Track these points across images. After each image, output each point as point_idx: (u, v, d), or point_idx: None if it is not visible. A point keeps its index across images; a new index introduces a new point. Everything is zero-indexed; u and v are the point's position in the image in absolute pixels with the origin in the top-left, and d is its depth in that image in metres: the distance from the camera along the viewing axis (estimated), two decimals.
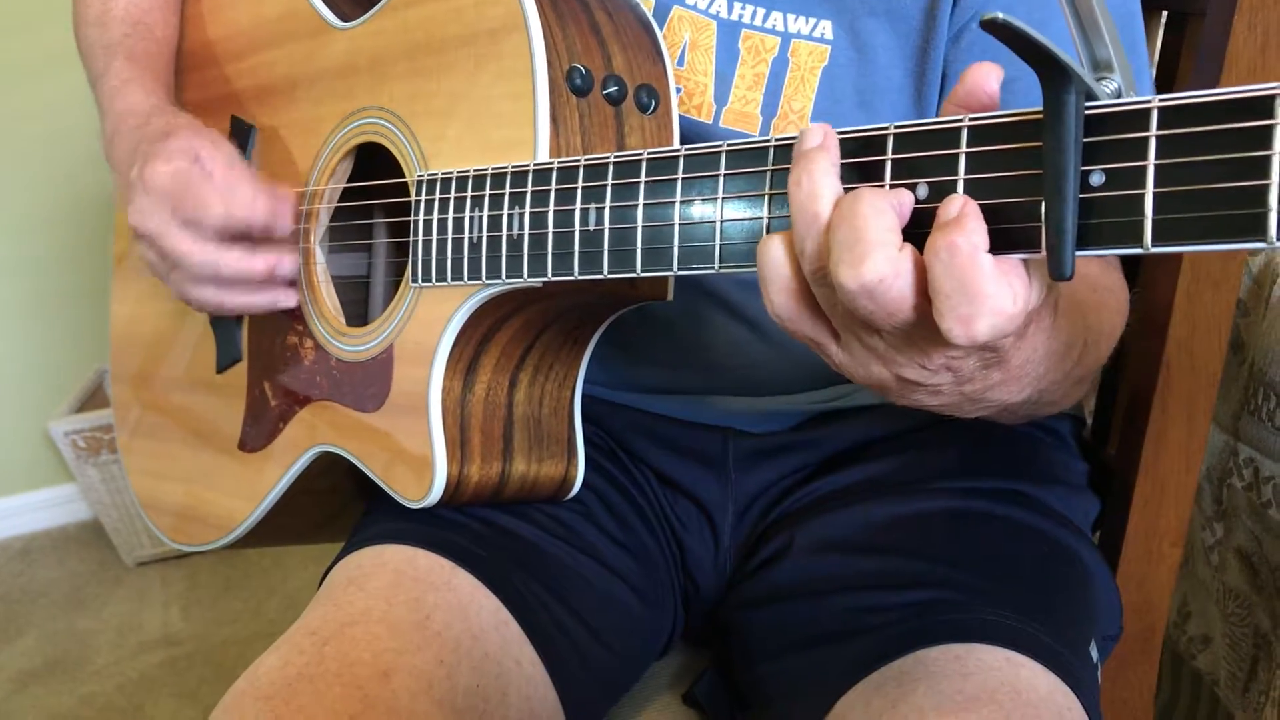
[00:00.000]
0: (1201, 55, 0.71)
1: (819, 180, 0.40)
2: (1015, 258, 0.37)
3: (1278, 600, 0.86)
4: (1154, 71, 0.78)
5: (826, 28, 0.65)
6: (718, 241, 0.45)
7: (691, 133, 0.67)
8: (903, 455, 0.73)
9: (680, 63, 0.67)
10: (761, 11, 0.66)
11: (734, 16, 0.66)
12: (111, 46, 0.82)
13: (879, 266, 0.38)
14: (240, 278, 0.71)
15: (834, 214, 0.39)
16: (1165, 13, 0.77)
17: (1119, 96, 0.35)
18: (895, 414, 0.76)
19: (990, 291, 0.37)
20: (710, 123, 0.67)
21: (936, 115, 0.65)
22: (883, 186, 0.39)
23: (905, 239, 0.39)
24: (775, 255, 0.42)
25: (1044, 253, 0.35)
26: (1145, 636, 0.80)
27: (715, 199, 0.45)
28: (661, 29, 0.67)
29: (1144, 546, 0.78)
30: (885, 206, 0.38)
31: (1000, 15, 0.32)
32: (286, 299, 0.74)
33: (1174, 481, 0.77)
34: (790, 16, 0.65)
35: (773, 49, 0.66)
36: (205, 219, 0.68)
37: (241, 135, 0.82)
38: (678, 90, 0.67)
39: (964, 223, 0.36)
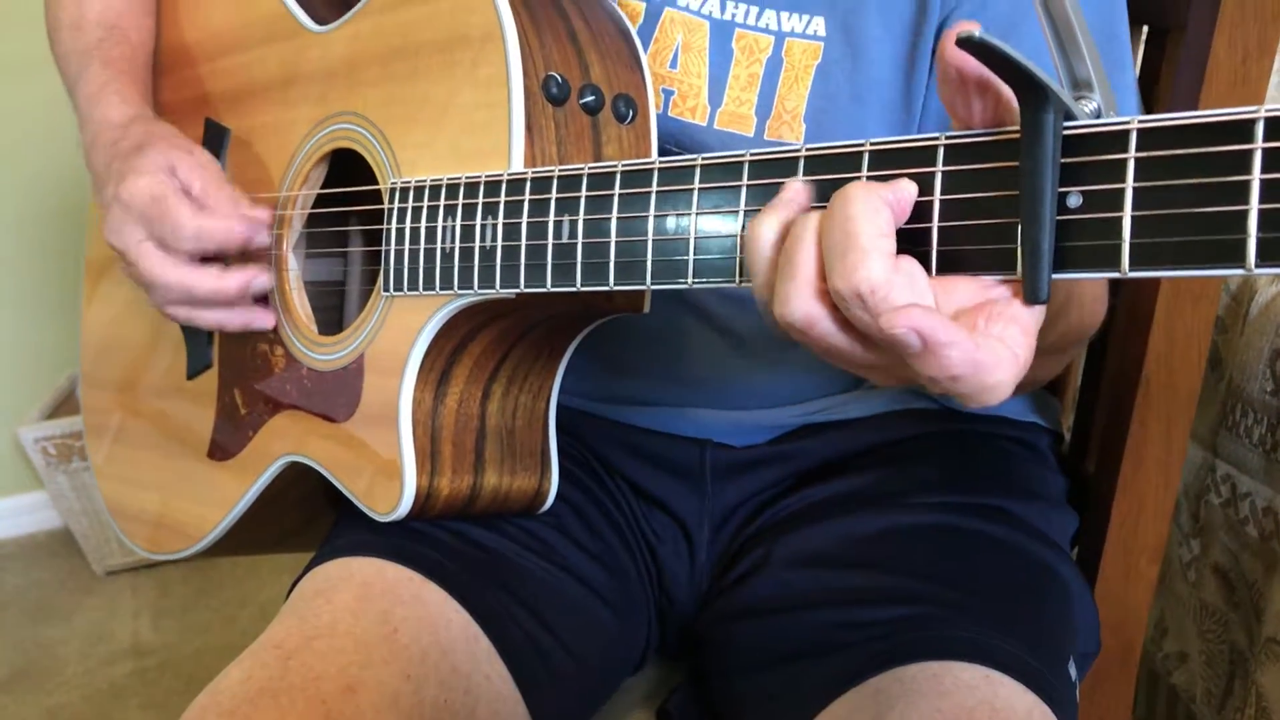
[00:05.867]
0: (1182, 70, 0.70)
1: (762, 226, 0.40)
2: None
3: (1254, 617, 0.86)
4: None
5: (819, 24, 0.64)
6: (691, 256, 0.44)
7: (685, 135, 0.67)
8: (881, 469, 0.73)
9: (673, 65, 0.66)
10: (755, 10, 0.65)
11: (727, 16, 0.65)
12: (87, 52, 0.81)
13: (871, 274, 0.36)
14: (213, 298, 0.70)
15: (825, 215, 0.38)
16: (1146, 28, 0.77)
17: (1098, 116, 0.35)
18: (873, 428, 0.75)
19: (1003, 365, 0.37)
20: (705, 125, 0.66)
21: (924, 105, 0.65)
22: None
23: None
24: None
25: (1019, 275, 0.34)
26: (1123, 653, 0.80)
27: (690, 213, 0.44)
28: (654, 31, 0.66)
29: (1122, 563, 0.78)
30: (879, 205, 0.36)
31: (976, 33, 0.31)
32: (263, 319, 0.73)
33: (1152, 498, 0.77)
34: (784, 14, 0.64)
35: (766, 48, 0.65)
36: (178, 242, 0.68)
37: (216, 138, 0.81)
38: (670, 93, 0.66)
39: (942, 352, 0.35)
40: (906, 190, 0.37)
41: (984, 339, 0.36)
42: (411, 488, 0.62)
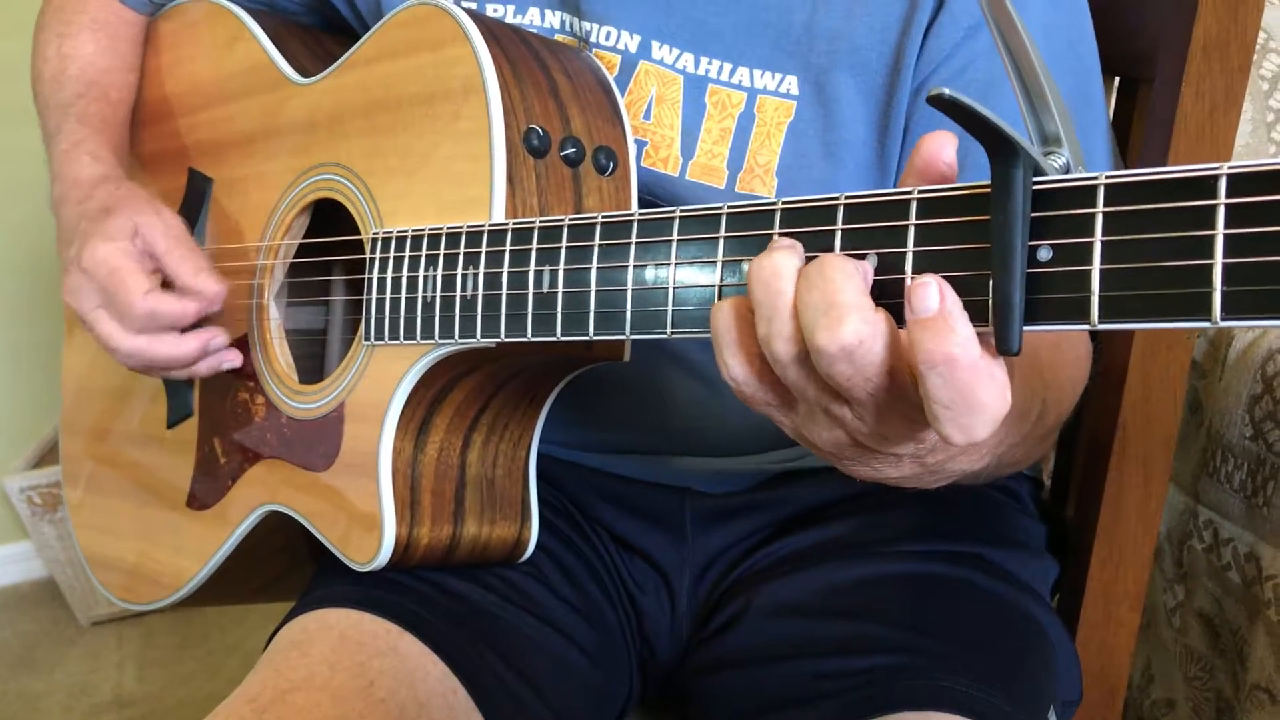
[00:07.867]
0: (1152, 121, 0.72)
1: (781, 260, 0.39)
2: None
3: (1239, 664, 0.86)
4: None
5: (792, 83, 0.65)
6: (670, 306, 0.45)
7: (657, 186, 0.67)
8: (861, 517, 0.73)
9: (647, 116, 0.67)
10: (728, 67, 0.66)
11: (700, 71, 0.66)
12: (64, 107, 0.82)
13: (858, 328, 0.36)
14: (172, 364, 0.71)
15: (801, 281, 0.38)
16: (1117, 79, 0.78)
17: (1067, 172, 0.35)
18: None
19: (990, 399, 0.36)
20: (676, 175, 0.67)
21: (898, 168, 0.66)
22: None
23: None
24: (728, 320, 0.42)
25: (991, 327, 0.34)
26: (1106, 702, 0.79)
27: (668, 264, 0.45)
28: (629, 83, 0.67)
29: (1103, 610, 0.78)
30: (853, 270, 0.38)
31: (946, 91, 0.32)
32: (230, 360, 0.74)
33: (1132, 544, 0.77)
34: (756, 72, 0.65)
35: (739, 104, 0.66)
36: (129, 322, 0.69)
37: (199, 188, 0.81)
38: (643, 144, 0.67)
39: (954, 325, 0.35)
40: (871, 267, 0.39)
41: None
42: (391, 537, 0.61)
